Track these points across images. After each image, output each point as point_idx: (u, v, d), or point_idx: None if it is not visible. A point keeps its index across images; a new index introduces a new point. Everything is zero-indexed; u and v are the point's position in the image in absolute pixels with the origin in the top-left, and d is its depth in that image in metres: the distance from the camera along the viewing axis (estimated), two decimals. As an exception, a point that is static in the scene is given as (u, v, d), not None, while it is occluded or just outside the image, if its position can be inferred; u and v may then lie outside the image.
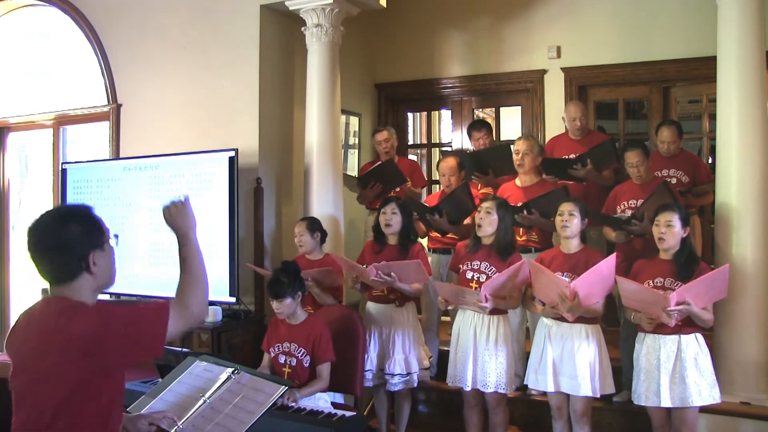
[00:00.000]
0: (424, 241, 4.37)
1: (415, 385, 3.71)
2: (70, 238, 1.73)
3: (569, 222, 3.31)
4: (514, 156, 4.12)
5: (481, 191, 4.49)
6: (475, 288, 3.41)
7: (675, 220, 3.12)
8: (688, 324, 3.07)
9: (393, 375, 3.63)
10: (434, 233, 4.32)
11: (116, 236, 1.86)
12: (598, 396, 3.22)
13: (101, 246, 1.78)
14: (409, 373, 3.64)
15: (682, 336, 3.07)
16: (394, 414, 3.88)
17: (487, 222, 3.44)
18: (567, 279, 3.20)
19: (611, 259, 3.11)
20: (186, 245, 1.88)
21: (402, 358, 3.63)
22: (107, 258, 1.80)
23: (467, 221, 4.14)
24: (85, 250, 1.74)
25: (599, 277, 3.08)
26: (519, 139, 4.18)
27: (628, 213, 3.74)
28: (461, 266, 3.55)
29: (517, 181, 4.17)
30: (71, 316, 1.69)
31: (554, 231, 3.99)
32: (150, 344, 1.74)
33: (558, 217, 3.36)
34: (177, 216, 1.89)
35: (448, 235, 4.27)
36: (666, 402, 3.06)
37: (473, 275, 3.47)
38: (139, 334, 1.73)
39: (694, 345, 3.08)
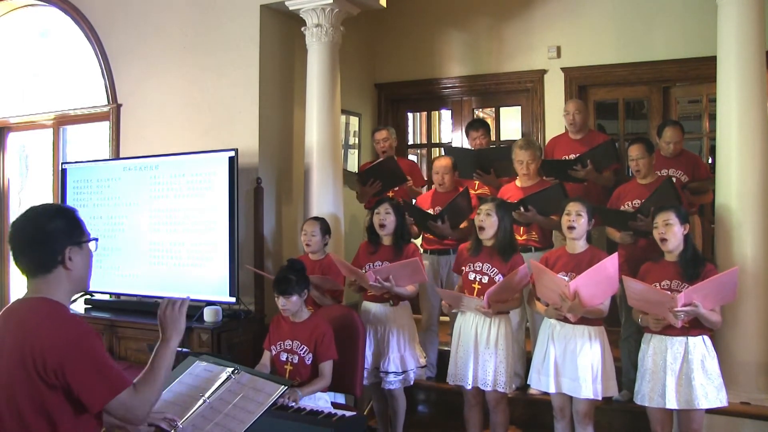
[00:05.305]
0: (417, 241, 4.35)
1: (412, 382, 3.71)
2: (51, 230, 1.80)
3: (576, 222, 3.27)
4: (518, 166, 4.08)
5: (478, 191, 4.49)
6: (477, 288, 3.42)
7: (672, 218, 3.10)
8: (695, 325, 3.04)
9: (388, 373, 3.63)
10: (429, 234, 4.32)
11: (96, 240, 1.91)
12: (600, 398, 3.21)
13: (79, 244, 1.84)
14: (404, 371, 3.64)
15: (689, 338, 3.04)
16: (390, 413, 3.88)
17: (487, 224, 3.43)
18: (566, 278, 3.18)
19: (614, 258, 3.07)
20: (164, 346, 1.92)
21: (397, 356, 3.63)
22: (84, 258, 1.86)
23: (463, 224, 4.14)
24: (62, 244, 1.80)
25: (601, 276, 3.05)
26: (520, 149, 4.05)
27: (632, 213, 3.74)
28: (464, 268, 3.55)
29: (517, 182, 4.17)
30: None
31: (554, 229, 3.99)
32: (90, 394, 1.73)
33: (565, 217, 3.32)
34: (169, 318, 1.95)
35: None
36: (671, 403, 3.03)
37: (475, 276, 3.47)
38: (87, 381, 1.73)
39: (701, 347, 3.05)
